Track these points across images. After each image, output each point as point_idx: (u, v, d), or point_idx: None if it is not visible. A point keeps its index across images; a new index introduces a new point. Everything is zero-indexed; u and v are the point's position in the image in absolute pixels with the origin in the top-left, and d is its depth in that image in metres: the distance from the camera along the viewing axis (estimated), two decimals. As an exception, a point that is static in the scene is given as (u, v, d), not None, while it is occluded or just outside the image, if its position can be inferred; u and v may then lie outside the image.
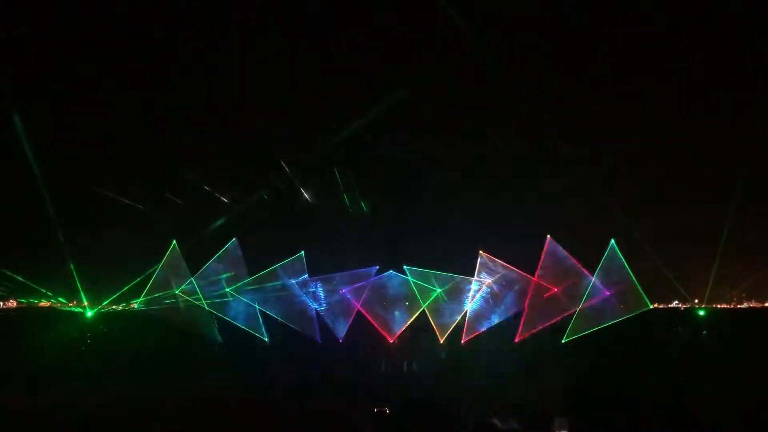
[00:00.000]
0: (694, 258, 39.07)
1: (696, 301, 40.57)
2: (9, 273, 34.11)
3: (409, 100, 35.34)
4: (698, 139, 42.38)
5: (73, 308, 36.97)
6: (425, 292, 36.38)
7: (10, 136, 29.50)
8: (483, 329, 35.82)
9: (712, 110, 41.04)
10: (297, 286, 35.59)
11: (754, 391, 21.74)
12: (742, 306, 53.17)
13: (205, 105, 39.30)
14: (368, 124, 35.07)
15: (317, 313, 35.72)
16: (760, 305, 52.93)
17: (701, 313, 40.82)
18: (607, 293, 35.04)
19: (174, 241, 34.29)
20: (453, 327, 36.09)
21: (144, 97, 38.63)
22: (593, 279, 35.06)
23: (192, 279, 34.40)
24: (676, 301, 46.83)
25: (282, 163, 36.54)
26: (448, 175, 41.20)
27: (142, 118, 38.72)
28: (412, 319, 36.37)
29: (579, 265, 35.38)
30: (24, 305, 42.57)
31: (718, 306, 45.36)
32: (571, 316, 35.14)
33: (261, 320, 34.90)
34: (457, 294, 36.57)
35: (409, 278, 36.55)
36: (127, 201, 37.24)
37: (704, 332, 40.11)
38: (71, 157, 37.12)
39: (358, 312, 36.39)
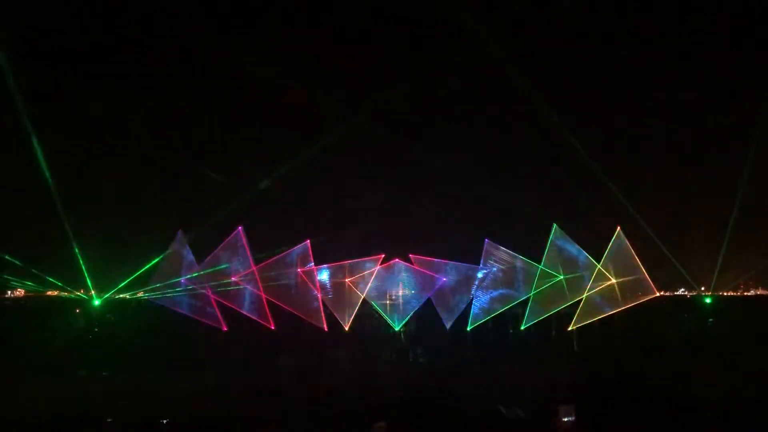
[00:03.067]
0: (700, 245, 38.93)
1: (702, 288, 40.44)
2: (17, 262, 34.26)
3: (416, 89, 35.34)
4: (705, 127, 42.14)
5: (81, 295, 37.12)
6: (431, 281, 36.38)
7: (15, 126, 29.54)
8: (489, 317, 35.80)
9: (719, 98, 40.77)
10: (303, 274, 35.62)
11: (759, 379, 21.72)
12: (749, 293, 53.05)
13: (212, 94, 39.32)
14: (375, 112, 35.03)
15: (323, 302, 35.76)
16: (767, 293, 52.81)
17: (707, 300, 40.71)
18: (613, 281, 34.98)
19: (179, 231, 34.35)
20: (458, 315, 36.08)
21: (151, 85, 38.70)
22: (599, 266, 34.99)
23: (197, 268, 34.46)
24: (683, 289, 46.72)
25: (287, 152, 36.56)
26: (455, 163, 41.10)
27: (149, 107, 38.76)
28: (417, 308, 36.36)
29: (585, 253, 35.34)
30: (32, 294, 42.79)
31: (725, 294, 45.25)
32: (577, 303, 35.15)
33: (267, 309, 34.96)
34: (462, 282, 36.53)
35: (415, 266, 36.54)
36: (133, 189, 37.46)
37: (710, 320, 40.02)
38: (77, 145, 37.20)
39: (364, 301, 36.41)
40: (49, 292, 40.18)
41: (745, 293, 53.19)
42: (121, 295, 36.28)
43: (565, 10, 36.24)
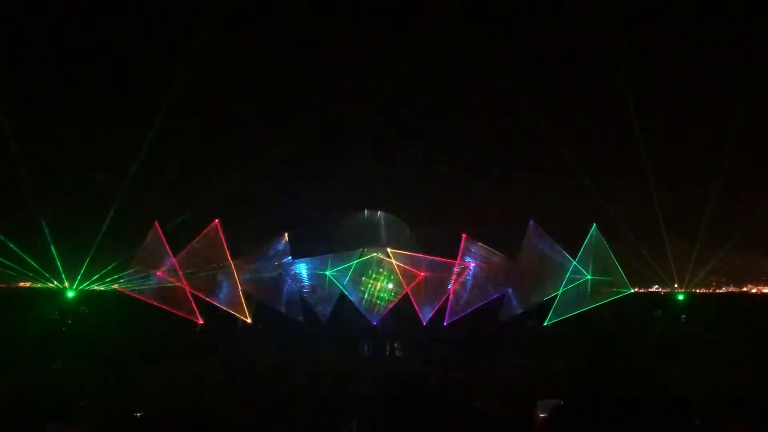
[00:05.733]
0: (674, 243, 39.53)
1: (676, 285, 41.06)
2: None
3: (399, 84, 35.36)
4: (682, 126, 42.75)
5: (55, 286, 36.51)
6: (409, 275, 36.42)
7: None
8: (466, 312, 35.93)
9: (693, 98, 41.40)
10: (281, 268, 35.44)
11: (730, 374, 22.08)
12: (721, 291, 54.10)
13: (189, 88, 38.92)
14: (353, 105, 34.99)
15: (301, 295, 35.63)
16: (738, 290, 53.91)
17: (680, 297, 41.32)
18: (589, 277, 35.32)
19: (155, 222, 33.93)
20: (436, 309, 36.17)
21: (127, 79, 38.21)
22: (575, 263, 35.29)
23: (173, 260, 34.09)
24: (656, 286, 47.44)
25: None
26: (433, 159, 41.28)
27: (125, 100, 38.32)
28: (395, 302, 36.38)
29: (561, 249, 35.61)
30: (4, 286, 42.04)
31: (698, 290, 46.01)
32: (552, 299, 35.42)
33: (243, 301, 34.72)
34: (440, 277, 36.63)
35: (393, 261, 36.55)
36: (109, 181, 36.92)
37: (683, 316, 40.58)
38: (52, 136, 36.65)
39: (342, 294, 36.34)
40: (22, 284, 39.52)
41: (717, 290, 54.23)
42: (95, 287, 35.84)
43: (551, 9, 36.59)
